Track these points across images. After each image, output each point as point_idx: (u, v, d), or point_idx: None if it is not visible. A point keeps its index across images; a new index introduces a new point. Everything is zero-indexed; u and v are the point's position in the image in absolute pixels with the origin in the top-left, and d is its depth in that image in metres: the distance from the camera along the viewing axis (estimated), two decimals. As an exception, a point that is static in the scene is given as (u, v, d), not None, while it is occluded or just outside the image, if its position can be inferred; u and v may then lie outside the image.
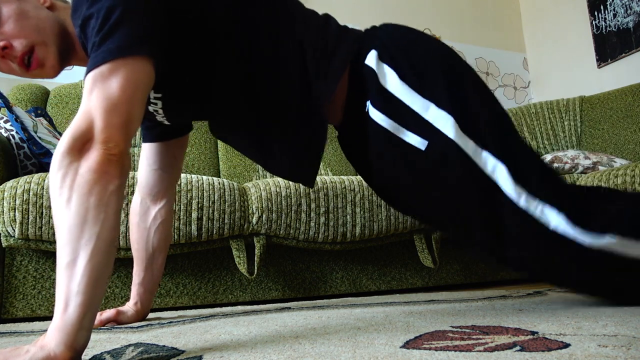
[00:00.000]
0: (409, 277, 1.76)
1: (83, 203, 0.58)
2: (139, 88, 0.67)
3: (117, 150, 0.62)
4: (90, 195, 0.59)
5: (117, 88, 0.65)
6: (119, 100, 0.64)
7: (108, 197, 0.60)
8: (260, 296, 1.56)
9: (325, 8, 2.77)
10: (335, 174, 2.19)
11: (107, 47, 0.66)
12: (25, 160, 1.50)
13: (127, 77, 0.66)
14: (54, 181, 0.60)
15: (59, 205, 0.59)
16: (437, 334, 0.67)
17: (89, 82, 0.65)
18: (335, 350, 0.59)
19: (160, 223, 1.07)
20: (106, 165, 0.60)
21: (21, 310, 1.31)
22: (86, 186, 0.59)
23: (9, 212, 1.25)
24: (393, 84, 0.81)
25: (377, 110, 0.82)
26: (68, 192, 0.59)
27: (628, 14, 2.59)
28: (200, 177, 1.48)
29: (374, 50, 0.84)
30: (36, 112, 1.71)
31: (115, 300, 1.40)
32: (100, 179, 0.59)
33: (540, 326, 0.69)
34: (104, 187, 0.59)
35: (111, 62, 0.65)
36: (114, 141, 0.62)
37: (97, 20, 0.68)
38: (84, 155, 0.61)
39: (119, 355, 0.65)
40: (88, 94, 0.65)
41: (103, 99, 0.64)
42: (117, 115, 0.63)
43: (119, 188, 0.61)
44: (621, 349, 0.50)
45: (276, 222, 1.50)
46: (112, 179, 0.60)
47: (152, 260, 1.08)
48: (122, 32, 0.67)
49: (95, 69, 0.65)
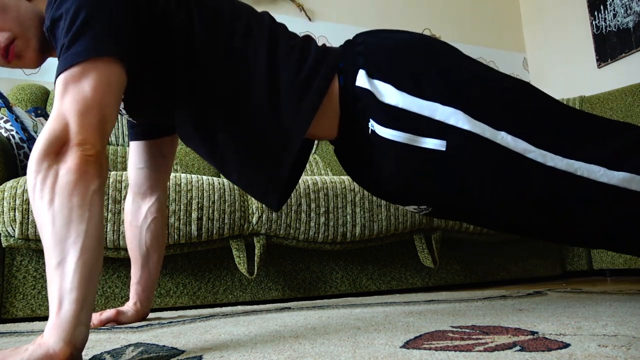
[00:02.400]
0: (409, 277, 1.76)
1: (66, 203, 0.59)
2: (111, 88, 0.67)
3: (94, 152, 0.62)
4: (72, 195, 0.59)
5: (90, 89, 0.65)
6: (92, 101, 0.64)
7: (91, 197, 0.60)
8: (260, 296, 1.56)
9: (325, 8, 2.78)
10: (335, 174, 2.19)
11: (76, 49, 0.66)
12: (25, 160, 1.50)
13: (99, 78, 0.66)
14: (32, 185, 0.60)
15: (41, 208, 0.59)
16: (437, 334, 0.67)
17: (60, 85, 0.65)
18: (335, 350, 0.59)
19: (152, 221, 1.07)
20: (85, 166, 0.60)
21: (21, 310, 1.31)
22: (67, 187, 0.59)
23: (9, 212, 1.25)
24: (393, 97, 0.79)
25: (385, 127, 0.79)
26: (50, 194, 0.59)
27: (628, 14, 2.59)
28: (200, 177, 1.48)
29: (361, 70, 0.81)
30: (36, 112, 1.71)
31: (115, 300, 1.40)
32: (80, 179, 0.60)
33: (540, 326, 0.69)
34: (85, 187, 0.60)
35: (81, 64, 0.65)
36: (90, 143, 0.62)
37: (66, 21, 0.68)
38: (62, 158, 0.61)
39: (119, 355, 0.65)
40: (60, 97, 0.64)
41: (76, 101, 0.64)
42: (91, 116, 0.64)
43: (99, 188, 0.61)
44: (621, 349, 0.50)
45: (276, 222, 1.50)
46: (92, 178, 0.61)
47: (147, 259, 1.08)
48: (91, 33, 0.67)
49: (65, 72, 0.65)
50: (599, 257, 1.98)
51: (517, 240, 1.96)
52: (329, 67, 0.83)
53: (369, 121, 0.81)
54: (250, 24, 0.84)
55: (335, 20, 2.79)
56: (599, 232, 0.84)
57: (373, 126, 0.81)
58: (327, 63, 0.83)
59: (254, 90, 0.81)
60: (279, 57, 0.82)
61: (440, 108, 0.77)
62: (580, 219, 0.81)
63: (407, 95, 0.78)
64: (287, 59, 0.82)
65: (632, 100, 2.17)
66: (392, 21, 2.91)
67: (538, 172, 0.77)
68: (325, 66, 0.83)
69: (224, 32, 0.81)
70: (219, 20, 0.82)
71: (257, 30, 0.83)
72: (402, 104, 0.78)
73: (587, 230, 0.84)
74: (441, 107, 0.77)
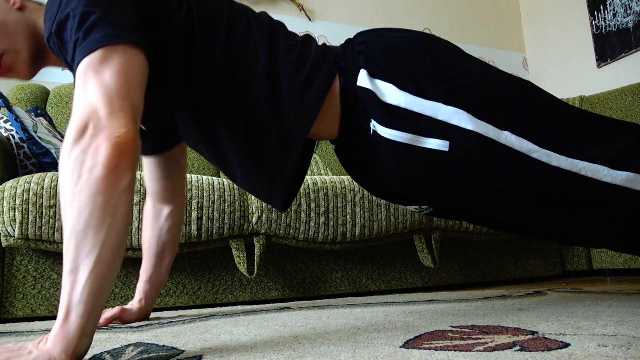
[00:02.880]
0: (409, 277, 1.76)
1: (88, 204, 0.55)
2: (134, 74, 0.63)
3: (129, 136, 0.57)
4: (98, 194, 0.55)
5: (113, 74, 0.61)
6: (117, 85, 0.60)
7: (118, 197, 0.56)
8: (260, 296, 1.56)
9: (325, 8, 2.78)
10: (335, 174, 2.19)
11: (93, 37, 0.63)
12: (25, 160, 1.50)
13: (121, 63, 0.62)
14: (63, 176, 0.57)
15: (65, 202, 0.56)
16: (437, 334, 0.67)
17: (81, 77, 0.62)
18: (335, 350, 0.59)
19: (173, 224, 1.09)
20: (117, 159, 0.56)
21: (21, 310, 1.31)
22: (95, 184, 0.55)
23: (9, 212, 1.25)
24: (395, 97, 0.78)
25: (387, 127, 0.79)
26: (74, 188, 0.55)
27: (628, 14, 2.59)
28: (200, 177, 1.48)
29: (362, 70, 0.81)
30: (36, 112, 1.71)
31: (115, 300, 1.40)
32: (109, 176, 0.55)
33: (540, 326, 0.69)
34: (113, 186, 0.56)
35: (100, 49, 0.62)
36: (124, 125, 0.57)
37: (75, 19, 0.66)
38: (93, 149, 0.56)
39: (119, 355, 0.65)
40: (82, 87, 0.61)
41: (100, 86, 0.60)
42: (120, 99, 0.59)
43: (129, 185, 0.57)
44: (621, 349, 0.50)
45: (276, 222, 1.50)
46: (123, 174, 0.56)
47: (162, 260, 1.10)
48: (106, 23, 0.65)
49: (84, 59, 0.62)
50: (599, 257, 1.98)
51: (517, 240, 1.96)
52: (330, 66, 0.82)
53: (371, 121, 0.80)
54: (250, 24, 0.83)
55: (335, 20, 2.79)
56: (601, 232, 0.84)
57: (375, 127, 0.80)
58: (327, 62, 0.82)
59: (254, 90, 0.80)
60: (279, 57, 0.81)
61: (443, 108, 0.76)
62: (583, 219, 0.81)
63: (409, 95, 0.78)
64: (287, 58, 0.81)
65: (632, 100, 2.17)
66: (392, 21, 2.91)
67: (542, 172, 0.76)
68: (326, 66, 0.82)
69: (224, 31, 0.81)
70: (219, 21, 0.81)
71: (256, 30, 0.83)
72: (404, 104, 0.77)
73: (590, 230, 0.84)
74: (444, 107, 0.76)
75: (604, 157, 0.76)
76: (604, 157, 0.76)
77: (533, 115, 0.80)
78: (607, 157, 0.76)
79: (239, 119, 0.81)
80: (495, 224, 1.01)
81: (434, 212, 1.00)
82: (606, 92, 2.34)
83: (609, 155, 0.77)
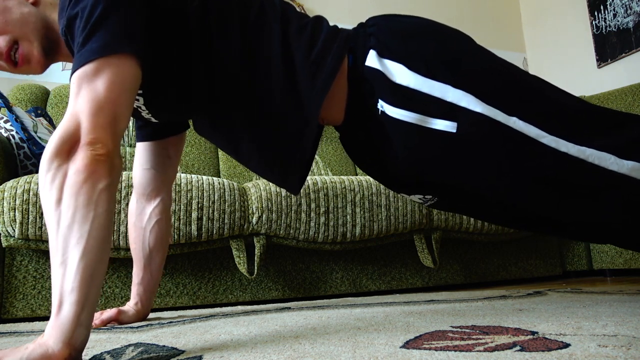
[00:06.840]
0: (409, 277, 1.77)
1: (72, 203, 0.58)
2: (125, 87, 0.67)
3: (105, 151, 0.62)
4: (78, 195, 0.59)
5: (103, 88, 0.64)
6: (105, 100, 0.64)
7: (97, 196, 0.59)
8: (260, 296, 1.56)
9: (325, 8, 2.78)
10: (335, 174, 2.19)
11: (90, 46, 0.66)
12: (25, 160, 1.50)
13: (113, 77, 0.65)
14: (43, 184, 0.60)
15: (48, 207, 0.59)
16: (437, 334, 0.67)
17: (75, 84, 0.65)
18: (335, 350, 0.59)
19: (156, 222, 1.07)
20: (94, 166, 0.60)
21: (21, 310, 1.31)
22: (75, 186, 0.59)
23: (9, 212, 1.25)
24: (405, 77, 0.78)
25: (395, 107, 0.79)
26: (57, 194, 0.59)
27: (628, 14, 2.59)
28: (200, 177, 1.48)
29: (372, 50, 0.81)
30: (36, 112, 1.71)
31: (115, 300, 1.40)
32: (88, 179, 0.59)
33: (540, 326, 0.69)
34: (92, 186, 0.59)
35: (95, 61, 0.65)
36: (101, 142, 0.62)
37: (82, 19, 0.68)
38: (72, 158, 0.61)
39: (119, 355, 0.65)
40: (75, 96, 0.64)
41: (89, 100, 0.63)
42: (103, 115, 0.63)
43: (108, 186, 0.61)
44: (621, 349, 0.50)
45: (276, 222, 1.50)
46: (101, 177, 0.60)
47: (149, 260, 1.08)
48: (105, 30, 0.67)
49: (79, 69, 0.65)
50: (599, 257, 1.98)
51: (517, 240, 1.96)
52: (340, 45, 0.83)
53: (378, 101, 0.81)
54: (263, 3, 0.84)
55: (335, 20, 2.77)
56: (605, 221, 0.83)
57: (382, 106, 0.80)
58: (338, 41, 0.83)
59: (271, 70, 0.81)
60: (291, 36, 0.82)
61: (452, 90, 0.76)
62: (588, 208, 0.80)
63: (418, 75, 0.78)
64: (298, 37, 0.82)
65: (632, 100, 2.17)
66: (392, 21, 2.91)
67: (550, 157, 0.76)
68: (337, 44, 0.83)
69: (237, 13, 0.82)
70: (231, 4, 0.82)
71: (269, 9, 0.84)
72: (413, 84, 0.78)
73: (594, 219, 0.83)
74: (452, 89, 0.76)
75: (611, 146, 0.76)
76: (611, 145, 0.76)
77: (541, 103, 0.80)
78: (614, 145, 0.76)
79: (255, 100, 0.82)
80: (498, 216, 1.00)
81: (437, 202, 0.99)
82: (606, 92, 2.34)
83: (616, 143, 0.76)
